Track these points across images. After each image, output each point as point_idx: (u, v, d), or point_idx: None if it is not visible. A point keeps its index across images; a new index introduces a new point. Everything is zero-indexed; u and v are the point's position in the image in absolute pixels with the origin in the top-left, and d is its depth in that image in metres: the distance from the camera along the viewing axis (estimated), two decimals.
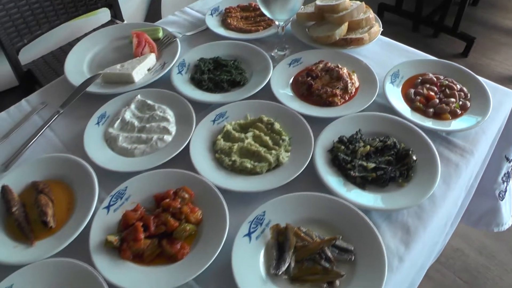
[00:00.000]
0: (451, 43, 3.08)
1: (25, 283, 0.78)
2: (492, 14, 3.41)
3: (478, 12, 3.44)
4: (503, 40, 3.16)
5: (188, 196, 0.86)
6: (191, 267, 0.77)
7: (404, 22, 3.21)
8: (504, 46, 3.10)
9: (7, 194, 0.92)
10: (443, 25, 3.00)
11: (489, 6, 3.48)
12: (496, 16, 3.39)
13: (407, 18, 3.16)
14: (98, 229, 0.84)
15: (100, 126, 1.04)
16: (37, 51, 2.00)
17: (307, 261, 0.78)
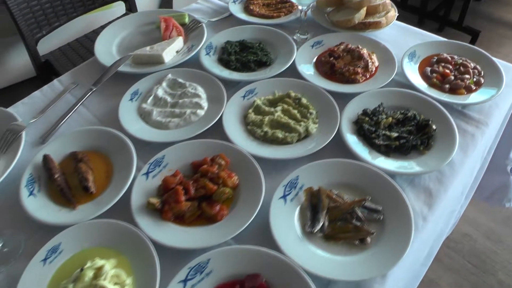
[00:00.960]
0: (456, 37, 3.17)
1: (72, 241, 0.85)
2: (496, 9, 3.50)
3: (483, 6, 3.53)
4: (507, 34, 3.25)
5: (224, 163, 0.93)
6: (230, 227, 0.84)
7: (410, 16, 3.28)
8: (508, 40, 3.18)
9: (49, 162, 0.99)
10: (448, 19, 3.08)
11: (493, 1, 3.57)
12: (500, 11, 3.48)
13: (412, 13, 3.24)
14: (138, 193, 0.91)
15: (133, 102, 1.12)
16: (55, 43, 2.08)
17: (339, 220, 0.85)
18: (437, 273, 1.82)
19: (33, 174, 0.97)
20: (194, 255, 0.79)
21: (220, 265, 0.78)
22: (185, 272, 0.77)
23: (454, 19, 3.03)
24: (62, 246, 0.84)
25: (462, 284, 1.79)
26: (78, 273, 0.79)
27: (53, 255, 0.83)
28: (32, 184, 0.96)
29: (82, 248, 0.84)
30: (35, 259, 0.82)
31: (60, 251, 0.84)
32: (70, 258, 0.84)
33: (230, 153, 0.95)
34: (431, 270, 1.19)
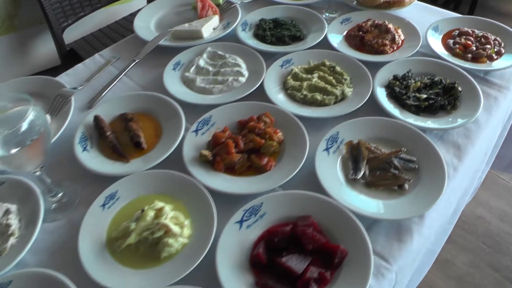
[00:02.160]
0: None
1: (128, 189, 0.93)
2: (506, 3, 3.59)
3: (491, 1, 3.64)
4: None
5: (269, 121, 1.02)
6: (278, 176, 0.93)
7: None
8: None
9: (100, 122, 1.08)
10: (458, 13, 3.24)
11: None
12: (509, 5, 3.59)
13: None
14: (189, 148, 1.00)
15: (176, 71, 1.22)
16: (79, 32, 2.19)
17: (378, 170, 0.94)
18: (452, 253, 1.87)
19: (85, 133, 1.06)
20: (245, 200, 0.88)
21: (272, 208, 0.87)
22: (240, 214, 0.86)
23: (464, 13, 3.17)
24: (119, 193, 0.93)
25: (477, 264, 1.85)
26: (139, 214, 0.87)
27: (111, 201, 0.92)
28: (84, 141, 1.05)
29: (138, 195, 0.93)
30: (94, 204, 0.91)
31: (117, 197, 0.93)
32: (127, 204, 0.92)
33: (273, 113, 1.04)
34: (446, 251, 1.27)
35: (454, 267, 1.85)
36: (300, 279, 0.77)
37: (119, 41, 1.45)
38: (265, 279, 0.78)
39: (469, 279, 1.80)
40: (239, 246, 0.82)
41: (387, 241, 0.85)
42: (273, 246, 0.82)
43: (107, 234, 0.88)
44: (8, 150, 0.79)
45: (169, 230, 0.83)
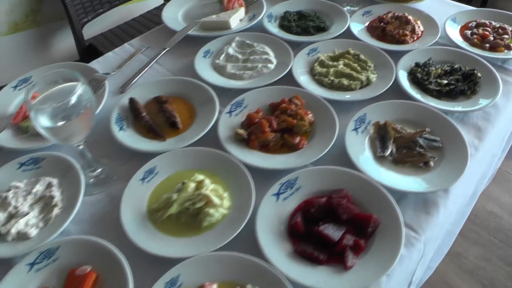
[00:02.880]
0: None
1: (166, 165, 0.99)
2: None
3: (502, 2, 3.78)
4: None
5: (300, 103, 1.08)
6: (310, 154, 0.98)
7: None
8: None
9: (135, 104, 1.13)
10: None
11: None
12: None
13: None
14: (224, 127, 1.05)
15: (206, 58, 1.28)
16: (98, 29, 2.26)
17: (404, 148, 1.00)
18: (464, 247, 1.90)
19: (121, 114, 1.12)
20: (280, 176, 0.93)
21: (307, 182, 0.92)
22: (277, 187, 0.91)
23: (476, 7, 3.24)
24: (157, 169, 0.99)
25: (489, 257, 1.88)
26: (180, 186, 0.92)
27: (150, 176, 0.97)
28: (120, 121, 1.10)
29: (176, 171, 0.99)
30: (134, 178, 0.97)
31: (156, 172, 0.98)
32: (165, 178, 0.98)
33: (303, 96, 1.10)
34: (458, 244, 1.32)
35: (466, 260, 1.88)
36: (337, 246, 0.82)
37: (136, 36, 1.51)
38: (303, 246, 0.84)
39: (481, 272, 1.84)
40: (276, 216, 0.88)
41: (415, 213, 0.90)
42: (310, 216, 0.87)
43: (147, 206, 0.93)
44: (56, 122, 0.85)
45: (210, 201, 0.89)
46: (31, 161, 1.03)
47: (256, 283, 0.77)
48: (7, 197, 0.96)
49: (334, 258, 0.81)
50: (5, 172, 1.02)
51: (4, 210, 0.94)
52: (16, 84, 1.25)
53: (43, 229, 0.91)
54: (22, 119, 1.14)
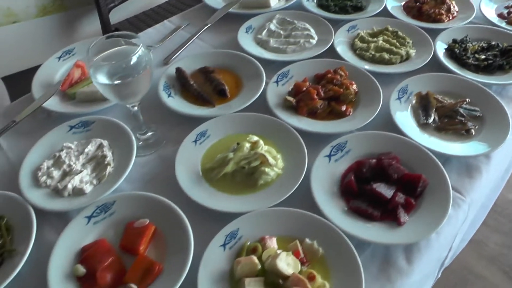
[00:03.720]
0: None
1: (217, 129, 1.02)
2: None
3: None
4: None
5: (344, 74, 1.11)
6: (357, 121, 1.02)
7: None
8: None
9: (182, 73, 1.17)
10: None
11: None
12: None
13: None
14: (272, 95, 1.09)
15: (249, 34, 1.32)
16: (123, 14, 2.31)
17: (445, 117, 1.03)
18: (484, 234, 1.91)
19: (168, 83, 1.16)
20: (329, 140, 0.97)
21: (356, 146, 0.96)
22: (328, 149, 0.95)
23: None
24: (209, 132, 1.03)
25: (510, 245, 1.89)
26: (235, 146, 0.96)
27: (202, 138, 1.01)
28: (168, 89, 1.14)
29: (226, 134, 1.03)
30: (187, 139, 1.00)
31: (208, 135, 1.02)
32: (217, 141, 1.02)
33: (346, 69, 1.13)
34: (478, 232, 1.35)
35: (486, 247, 1.90)
36: (389, 203, 0.86)
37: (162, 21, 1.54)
38: (357, 203, 0.87)
39: (502, 259, 1.85)
40: (329, 176, 0.91)
41: (458, 177, 0.94)
42: (361, 176, 0.90)
43: (201, 166, 0.97)
44: (116, 79, 0.89)
45: (265, 160, 0.92)
46: (80, 124, 1.07)
47: (313, 237, 0.81)
48: (61, 156, 0.99)
49: (387, 215, 0.85)
50: (56, 134, 1.05)
51: (58, 168, 0.97)
52: (60, 55, 1.29)
53: (97, 186, 0.95)
54: (69, 86, 1.17)
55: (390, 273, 0.79)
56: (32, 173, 0.97)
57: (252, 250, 0.80)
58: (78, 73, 1.19)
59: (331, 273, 0.77)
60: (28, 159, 1.00)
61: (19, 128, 1.11)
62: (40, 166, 0.98)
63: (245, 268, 0.76)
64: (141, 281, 0.78)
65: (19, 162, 0.99)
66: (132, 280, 0.78)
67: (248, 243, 0.81)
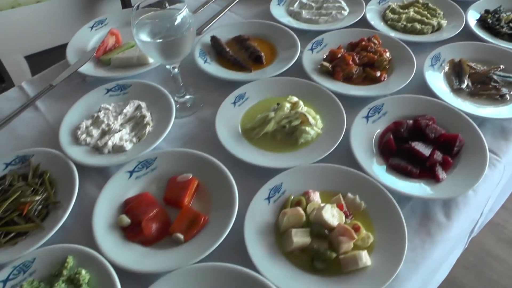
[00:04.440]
0: None
1: (255, 92, 1.05)
2: None
3: None
4: None
5: (378, 43, 1.13)
6: (392, 85, 1.03)
7: None
8: None
9: (217, 41, 1.19)
10: None
11: None
12: None
13: None
14: (307, 62, 1.11)
15: (281, 6, 1.34)
16: None
17: (479, 83, 1.04)
18: (503, 218, 1.91)
19: (203, 50, 1.18)
20: (365, 103, 0.98)
21: (393, 108, 0.98)
22: (366, 111, 0.97)
23: None
24: (247, 94, 1.05)
25: None
26: (275, 107, 0.97)
27: (241, 100, 1.03)
28: (204, 55, 1.16)
29: (265, 97, 1.04)
30: (226, 101, 1.02)
31: (246, 98, 1.04)
32: (256, 104, 1.04)
33: (379, 38, 1.15)
34: (496, 215, 1.36)
35: (505, 230, 1.90)
36: (427, 161, 0.87)
37: None
38: (396, 160, 0.88)
39: None
40: (367, 136, 0.93)
41: (493, 139, 0.95)
42: (399, 136, 0.92)
43: (241, 126, 0.99)
44: (160, 38, 0.91)
45: (306, 119, 0.93)
46: (117, 87, 1.09)
47: (355, 192, 0.83)
48: (99, 116, 1.01)
49: (425, 173, 0.86)
50: (93, 97, 1.08)
51: (97, 127, 0.99)
52: (92, 24, 1.31)
53: (137, 144, 0.97)
54: (103, 53, 1.19)
55: (430, 227, 0.81)
56: (71, 132, 0.99)
57: (296, 203, 0.82)
58: (112, 40, 1.21)
59: (374, 226, 0.79)
60: (67, 119, 1.02)
61: (55, 92, 1.14)
62: (79, 126, 1.00)
63: (291, 219, 0.78)
64: (187, 232, 0.80)
65: (58, 123, 1.01)
66: (178, 230, 0.80)
67: (292, 197, 0.83)
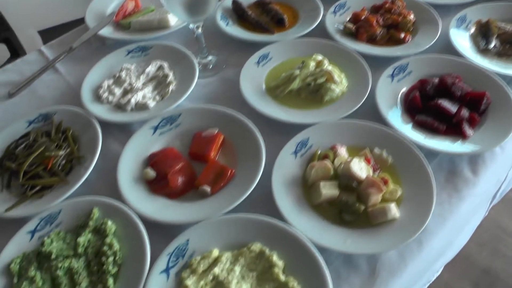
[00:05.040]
0: None
1: (279, 52, 1.05)
2: None
3: None
4: None
5: (402, 5, 1.11)
6: (416, 47, 1.02)
7: None
8: None
9: (239, 4, 1.17)
10: None
11: None
12: None
13: None
14: (330, 23, 1.10)
15: None
16: None
17: (508, 43, 1.02)
18: None
19: (224, 14, 1.17)
20: (389, 63, 0.97)
21: (417, 67, 0.97)
22: (391, 70, 0.96)
23: None
24: (271, 54, 1.04)
25: None
26: (300, 65, 0.96)
27: (264, 60, 1.03)
28: (225, 19, 1.16)
29: (288, 58, 1.04)
30: (250, 61, 1.02)
31: (270, 58, 1.04)
32: (279, 63, 1.03)
33: None
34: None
35: None
36: (454, 117, 0.86)
37: None
38: (423, 117, 0.87)
39: None
40: (393, 94, 0.92)
41: None
42: (425, 94, 0.90)
43: (265, 85, 0.98)
44: None
45: (331, 77, 0.92)
46: (138, 48, 1.09)
47: (382, 147, 0.82)
48: (121, 76, 1.01)
49: (451, 130, 0.86)
50: (114, 58, 1.08)
51: (119, 86, 0.99)
52: None
53: (160, 102, 0.97)
54: (123, 17, 1.18)
55: (456, 182, 0.81)
56: (93, 91, 0.99)
57: (323, 157, 0.81)
58: (131, 5, 1.20)
59: (402, 181, 0.78)
60: (88, 79, 1.02)
61: (75, 55, 1.14)
62: (100, 85, 1.00)
63: (319, 171, 0.78)
64: (213, 185, 0.80)
65: (78, 85, 1.01)
66: (205, 183, 0.80)
67: (319, 151, 0.82)
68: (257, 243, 0.71)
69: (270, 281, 0.67)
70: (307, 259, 0.68)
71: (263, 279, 0.68)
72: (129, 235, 0.74)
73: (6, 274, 0.72)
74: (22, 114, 0.97)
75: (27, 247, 0.74)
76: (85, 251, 0.73)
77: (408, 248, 0.72)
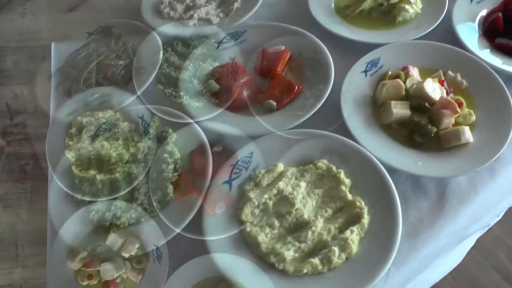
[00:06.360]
0: None
1: None
2: None
3: None
4: None
5: None
6: None
7: None
8: None
9: None
10: None
11: None
12: None
13: None
14: None
15: None
16: None
17: None
18: None
19: None
20: None
21: None
22: None
23: None
24: None
25: None
26: None
27: None
28: None
29: None
30: None
31: None
32: None
33: None
34: None
35: None
36: None
37: None
38: (504, 40, 0.81)
39: None
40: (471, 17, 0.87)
41: None
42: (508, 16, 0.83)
43: (334, 5, 0.93)
44: None
45: None
46: None
47: (456, 70, 0.77)
48: None
49: None
50: None
51: (181, 3, 0.95)
52: None
53: (224, 19, 0.93)
54: None
55: None
56: (153, 7, 0.96)
57: (395, 77, 0.77)
58: None
59: (476, 105, 0.74)
60: None
61: None
62: (162, 0, 0.96)
63: (390, 90, 0.74)
64: (279, 100, 0.77)
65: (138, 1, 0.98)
66: (271, 98, 0.78)
67: (390, 71, 0.78)
68: (324, 160, 0.70)
69: (336, 199, 0.66)
70: (376, 180, 0.66)
71: (329, 196, 0.67)
72: (189, 145, 0.73)
73: (69, 175, 0.73)
74: (82, 28, 0.96)
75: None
76: (145, 157, 0.73)
77: (480, 176, 0.69)
